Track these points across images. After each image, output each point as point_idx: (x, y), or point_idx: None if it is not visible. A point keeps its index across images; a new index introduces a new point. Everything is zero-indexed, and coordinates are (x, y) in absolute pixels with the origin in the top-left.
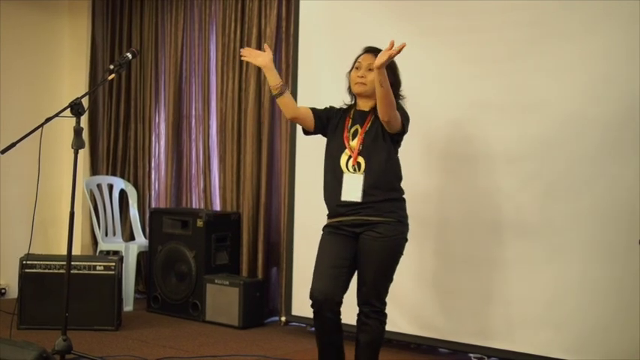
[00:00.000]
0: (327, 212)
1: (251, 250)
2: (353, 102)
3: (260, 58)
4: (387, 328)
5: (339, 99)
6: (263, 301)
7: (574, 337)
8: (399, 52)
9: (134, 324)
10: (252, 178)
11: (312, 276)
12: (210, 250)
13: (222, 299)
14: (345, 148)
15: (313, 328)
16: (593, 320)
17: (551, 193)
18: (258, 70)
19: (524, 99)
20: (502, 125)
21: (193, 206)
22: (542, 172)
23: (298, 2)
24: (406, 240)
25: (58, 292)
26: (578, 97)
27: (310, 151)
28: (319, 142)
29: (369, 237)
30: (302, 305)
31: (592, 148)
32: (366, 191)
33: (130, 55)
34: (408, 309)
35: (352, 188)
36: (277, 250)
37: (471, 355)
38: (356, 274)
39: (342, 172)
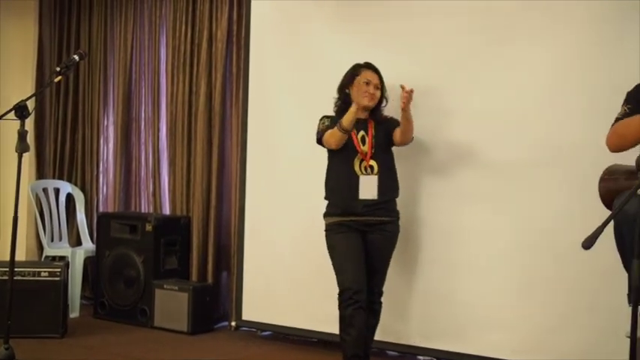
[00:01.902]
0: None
1: (201, 255)
2: (342, 108)
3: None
4: (336, 332)
5: (290, 102)
6: (213, 306)
7: (523, 338)
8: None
9: (80, 331)
10: (202, 182)
11: (265, 280)
12: (159, 255)
13: (171, 305)
14: (357, 152)
15: (265, 333)
16: (542, 321)
17: (497, 196)
18: (209, 73)
19: (474, 104)
20: (452, 130)
21: (142, 210)
22: (491, 176)
23: (249, 5)
24: None
25: (1, 300)
26: (523, 103)
27: (261, 154)
28: (270, 145)
29: (381, 236)
30: (252, 310)
31: (534, 153)
32: (380, 191)
33: (77, 57)
34: None
35: (369, 188)
36: (228, 254)
37: (420, 357)
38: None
39: (357, 175)
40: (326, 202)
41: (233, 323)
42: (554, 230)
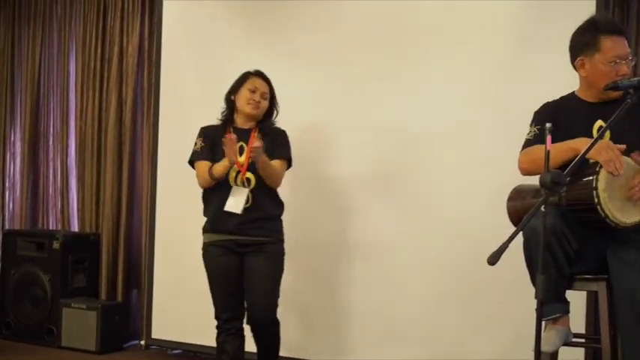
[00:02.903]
0: (199, 230)
1: (110, 272)
2: (227, 117)
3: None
4: (246, 349)
5: (202, 117)
6: (123, 325)
7: (437, 350)
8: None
9: None
10: (112, 199)
11: (176, 298)
12: (67, 273)
13: (80, 324)
14: (234, 163)
15: (175, 351)
16: (455, 333)
17: (411, 212)
18: (120, 88)
19: (380, 119)
20: (356, 145)
21: (50, 227)
22: (405, 191)
23: (161, 20)
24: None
25: None
26: (430, 118)
27: (172, 171)
28: (182, 162)
29: (259, 257)
30: (162, 328)
31: (446, 169)
32: (253, 206)
33: None
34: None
35: (236, 201)
36: (138, 272)
37: None
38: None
39: (229, 186)
40: None
41: (143, 342)
42: (467, 244)
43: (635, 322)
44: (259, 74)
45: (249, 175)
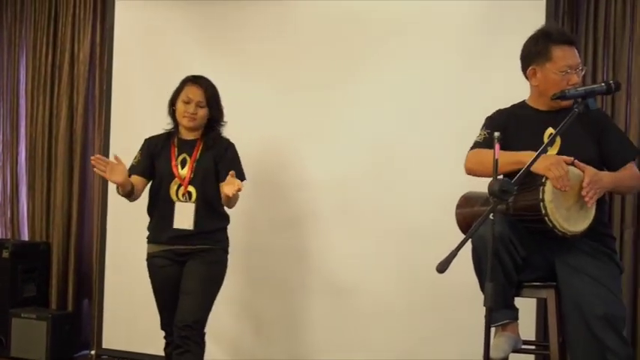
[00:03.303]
0: (145, 240)
1: (61, 282)
2: (174, 129)
3: (116, 176)
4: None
5: (154, 124)
6: (73, 335)
7: None
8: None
9: None
10: (62, 207)
11: (127, 307)
12: (16, 282)
13: (30, 334)
14: (174, 176)
15: None
16: (401, 343)
17: (354, 220)
18: (71, 95)
19: (339, 128)
20: (316, 154)
21: (2, 236)
22: (347, 199)
23: (112, 27)
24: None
25: None
26: (389, 127)
27: None
28: None
29: (197, 261)
30: (114, 338)
31: (399, 177)
32: (197, 221)
33: None
34: (224, 338)
35: (185, 217)
36: (89, 281)
37: None
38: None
39: (172, 201)
40: None
41: (93, 352)
42: (414, 253)
43: (583, 329)
44: (195, 81)
45: (190, 188)
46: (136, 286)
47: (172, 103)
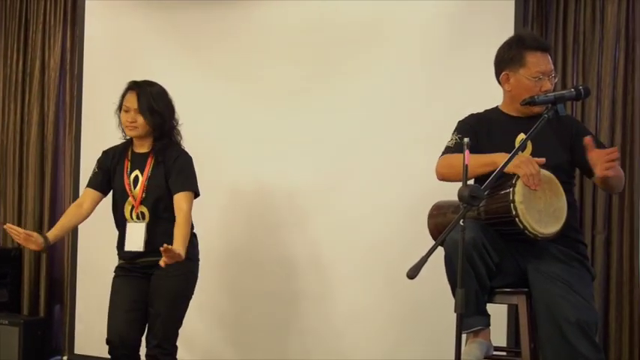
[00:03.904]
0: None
1: (33, 287)
2: (128, 138)
3: (32, 245)
4: None
5: None
6: (45, 340)
7: None
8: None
9: None
10: (34, 213)
11: (99, 313)
12: None
13: (2, 339)
14: (128, 196)
15: None
16: (374, 348)
17: (333, 224)
18: (42, 101)
19: (311, 134)
20: (285, 159)
21: None
22: (322, 206)
23: (83, 33)
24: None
25: None
26: (354, 135)
27: None
28: None
29: (160, 274)
30: (86, 343)
31: (366, 185)
32: (149, 241)
33: None
34: (198, 344)
35: (135, 238)
36: (61, 287)
37: None
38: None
39: (125, 221)
40: None
41: (65, 357)
42: (389, 259)
43: (556, 335)
44: (131, 87)
45: (142, 208)
46: (107, 291)
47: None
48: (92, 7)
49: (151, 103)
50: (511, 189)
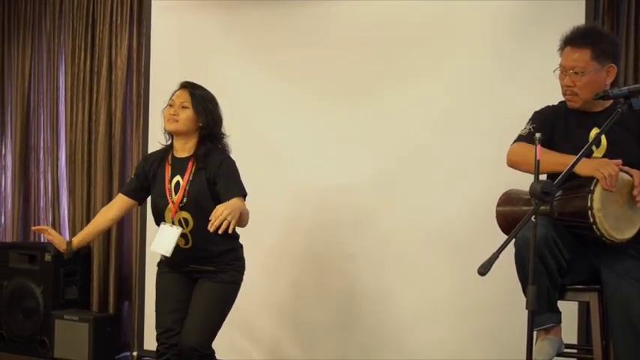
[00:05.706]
0: None
1: (102, 284)
2: (170, 142)
3: (59, 248)
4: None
5: None
6: (114, 336)
7: None
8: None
9: None
10: None
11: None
12: (59, 285)
13: (72, 335)
14: (168, 202)
15: None
16: (442, 346)
17: (394, 222)
18: (109, 100)
19: (372, 133)
20: (350, 158)
21: (42, 240)
22: (387, 204)
23: (149, 33)
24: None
25: None
26: (422, 132)
27: None
28: None
29: (205, 279)
30: (154, 339)
31: (433, 182)
32: (192, 247)
33: None
34: (264, 343)
35: (165, 241)
36: (129, 284)
37: None
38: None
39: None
40: None
41: (135, 353)
42: (456, 255)
43: (629, 333)
44: (184, 85)
45: (184, 214)
46: None
47: None
48: (158, 6)
49: (206, 103)
50: (589, 195)
